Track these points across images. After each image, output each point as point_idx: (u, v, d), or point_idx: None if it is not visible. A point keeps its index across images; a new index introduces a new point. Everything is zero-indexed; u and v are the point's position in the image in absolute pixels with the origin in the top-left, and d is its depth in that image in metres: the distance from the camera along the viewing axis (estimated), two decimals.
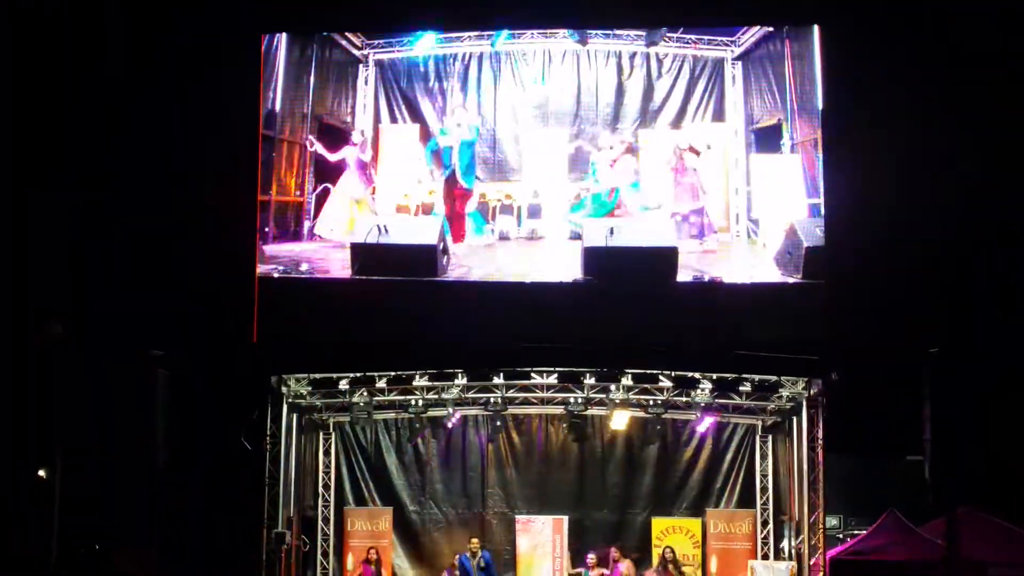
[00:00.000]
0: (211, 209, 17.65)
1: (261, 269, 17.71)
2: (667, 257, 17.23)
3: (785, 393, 18.40)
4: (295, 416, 18.65)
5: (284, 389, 18.17)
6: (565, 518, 19.48)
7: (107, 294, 17.80)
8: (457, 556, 18.93)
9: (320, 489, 19.83)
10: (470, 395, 18.99)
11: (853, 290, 16.94)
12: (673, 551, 18.69)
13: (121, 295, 17.80)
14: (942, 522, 16.31)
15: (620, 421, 19.36)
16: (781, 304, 17.16)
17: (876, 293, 17.24)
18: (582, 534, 19.58)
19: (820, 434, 17.55)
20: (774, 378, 18.09)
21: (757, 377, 18.13)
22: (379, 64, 19.85)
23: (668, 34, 19.30)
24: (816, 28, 17.55)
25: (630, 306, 17.09)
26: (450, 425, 19.60)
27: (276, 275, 17.72)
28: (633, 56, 19.51)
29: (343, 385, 18.40)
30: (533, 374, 18.54)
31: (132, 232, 18.05)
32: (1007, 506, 17.35)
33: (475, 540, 18.98)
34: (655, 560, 18.92)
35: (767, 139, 18.87)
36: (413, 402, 18.88)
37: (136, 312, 17.60)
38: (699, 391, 18.31)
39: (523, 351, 17.63)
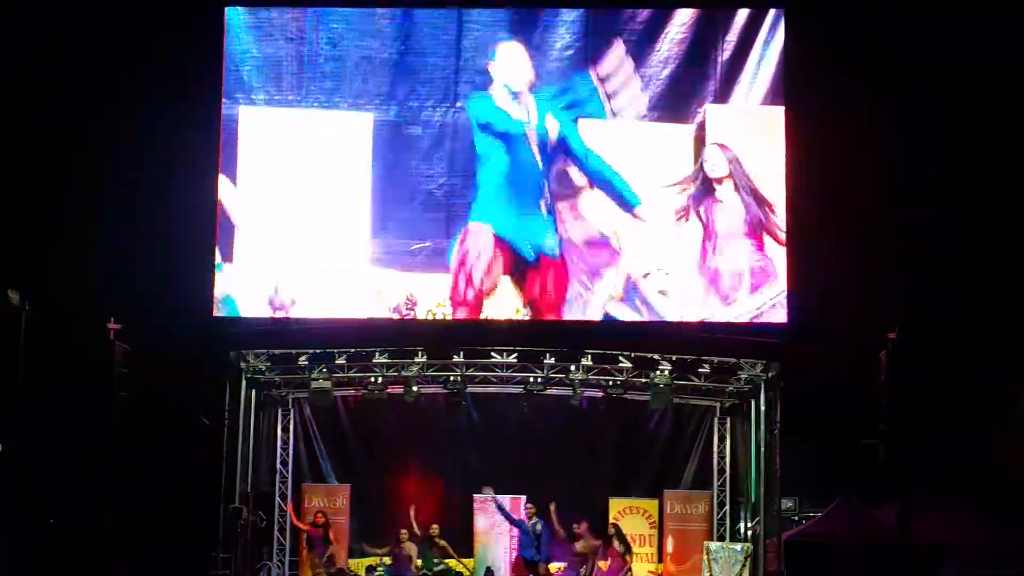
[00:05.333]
0: (173, 185, 17.58)
1: None
2: None
3: (744, 376, 18.48)
4: (253, 392, 18.54)
5: (243, 364, 18.08)
6: (523, 498, 19.43)
7: (66, 266, 17.70)
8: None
9: (278, 465, 19.73)
10: (430, 373, 18.93)
11: (814, 274, 17.09)
12: (618, 527, 18.58)
13: (81, 267, 17.70)
14: (896, 505, 16.49)
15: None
16: None
17: (836, 277, 17.40)
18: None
19: (778, 417, 17.57)
20: (733, 360, 18.17)
21: (716, 359, 18.20)
22: None
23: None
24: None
25: None
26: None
27: None
28: None
29: (302, 361, 18.32)
30: (493, 353, 18.51)
31: (94, 205, 17.95)
32: (961, 490, 17.60)
33: (531, 505, 18.50)
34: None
35: None
36: (373, 379, 18.80)
37: (95, 284, 17.51)
38: (659, 372, 18.34)
39: (483, 329, 17.66)
